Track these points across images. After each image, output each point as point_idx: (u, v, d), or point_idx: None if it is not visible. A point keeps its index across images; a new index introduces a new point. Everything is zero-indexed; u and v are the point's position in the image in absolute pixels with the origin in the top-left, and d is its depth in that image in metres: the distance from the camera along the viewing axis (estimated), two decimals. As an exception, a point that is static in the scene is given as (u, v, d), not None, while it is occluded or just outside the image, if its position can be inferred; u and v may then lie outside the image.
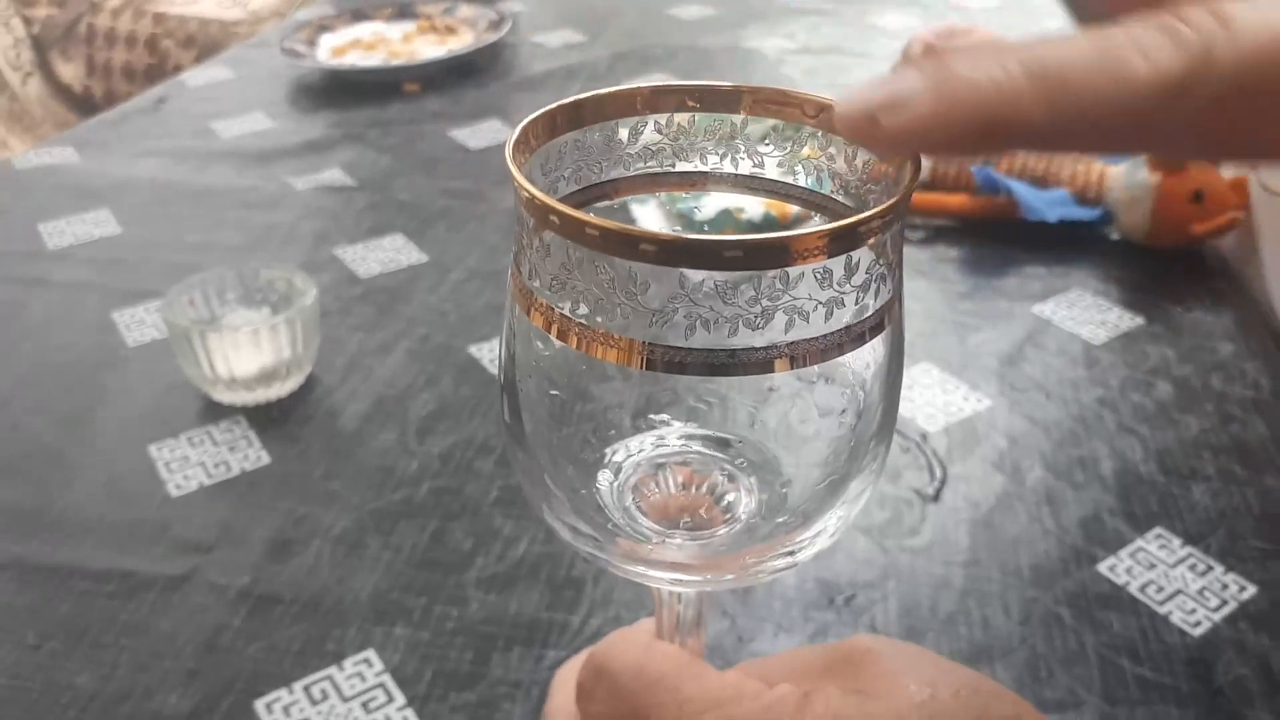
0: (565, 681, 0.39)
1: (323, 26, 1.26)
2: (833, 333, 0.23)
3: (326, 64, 1.18)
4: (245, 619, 0.49)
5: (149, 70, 2.42)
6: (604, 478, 0.29)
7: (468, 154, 0.99)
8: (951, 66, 0.18)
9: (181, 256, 0.81)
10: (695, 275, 0.21)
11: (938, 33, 0.72)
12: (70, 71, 2.53)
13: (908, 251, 0.78)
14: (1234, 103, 0.18)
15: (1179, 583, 0.49)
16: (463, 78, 1.15)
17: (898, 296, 0.24)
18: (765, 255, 0.21)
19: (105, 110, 1.14)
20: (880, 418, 0.27)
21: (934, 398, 0.62)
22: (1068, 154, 0.23)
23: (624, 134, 0.27)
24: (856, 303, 0.23)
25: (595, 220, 0.21)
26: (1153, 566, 0.50)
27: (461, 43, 1.22)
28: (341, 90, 1.13)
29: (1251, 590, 0.49)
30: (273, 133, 1.04)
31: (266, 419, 0.62)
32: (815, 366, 0.23)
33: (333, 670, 0.46)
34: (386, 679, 0.46)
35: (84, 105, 2.48)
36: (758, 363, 0.22)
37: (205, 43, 2.32)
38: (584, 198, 0.27)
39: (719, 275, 0.21)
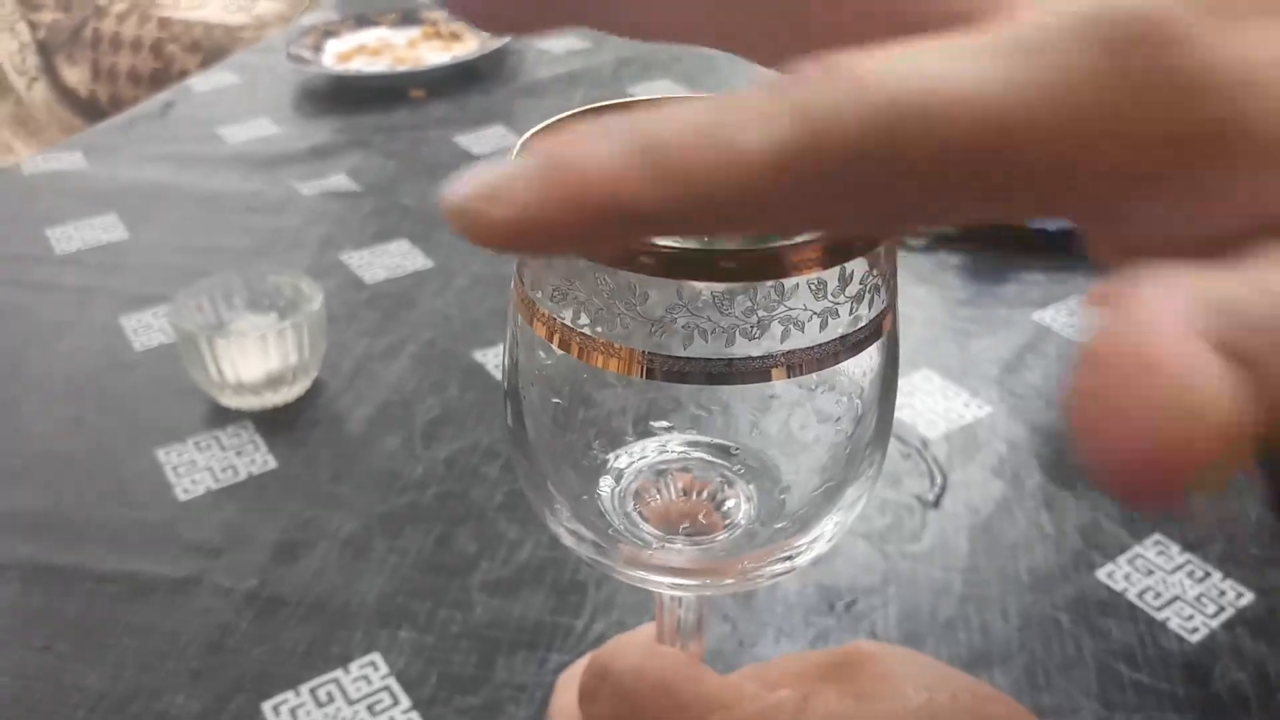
0: (568, 684, 0.39)
1: (328, 32, 1.27)
2: (828, 342, 0.23)
3: (332, 70, 1.18)
4: (252, 621, 0.49)
5: (154, 75, 2.43)
6: (605, 484, 0.29)
7: (472, 160, 0.99)
8: (557, 148, 0.15)
9: (188, 261, 0.81)
10: (693, 286, 0.22)
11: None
12: (76, 76, 2.54)
13: (908, 259, 0.79)
14: (865, 168, 0.15)
15: (1177, 589, 0.50)
16: (467, 83, 1.16)
17: (892, 306, 0.25)
18: (761, 267, 0.21)
19: (111, 115, 1.14)
20: (876, 425, 0.27)
21: (934, 404, 0.63)
22: (703, 238, 0.20)
23: None
24: (851, 313, 0.23)
25: None
26: (1151, 573, 0.51)
27: (466, 48, 1.23)
28: (347, 96, 1.14)
29: (1249, 597, 0.49)
30: (279, 138, 1.05)
31: (273, 424, 0.63)
32: (813, 375, 0.24)
33: (339, 673, 0.47)
34: (392, 682, 0.46)
35: (89, 110, 2.49)
36: (754, 371, 0.23)
37: (210, 48, 2.34)
38: None
39: (716, 286, 0.22)
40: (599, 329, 0.23)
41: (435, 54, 1.22)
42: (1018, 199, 0.16)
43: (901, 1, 0.17)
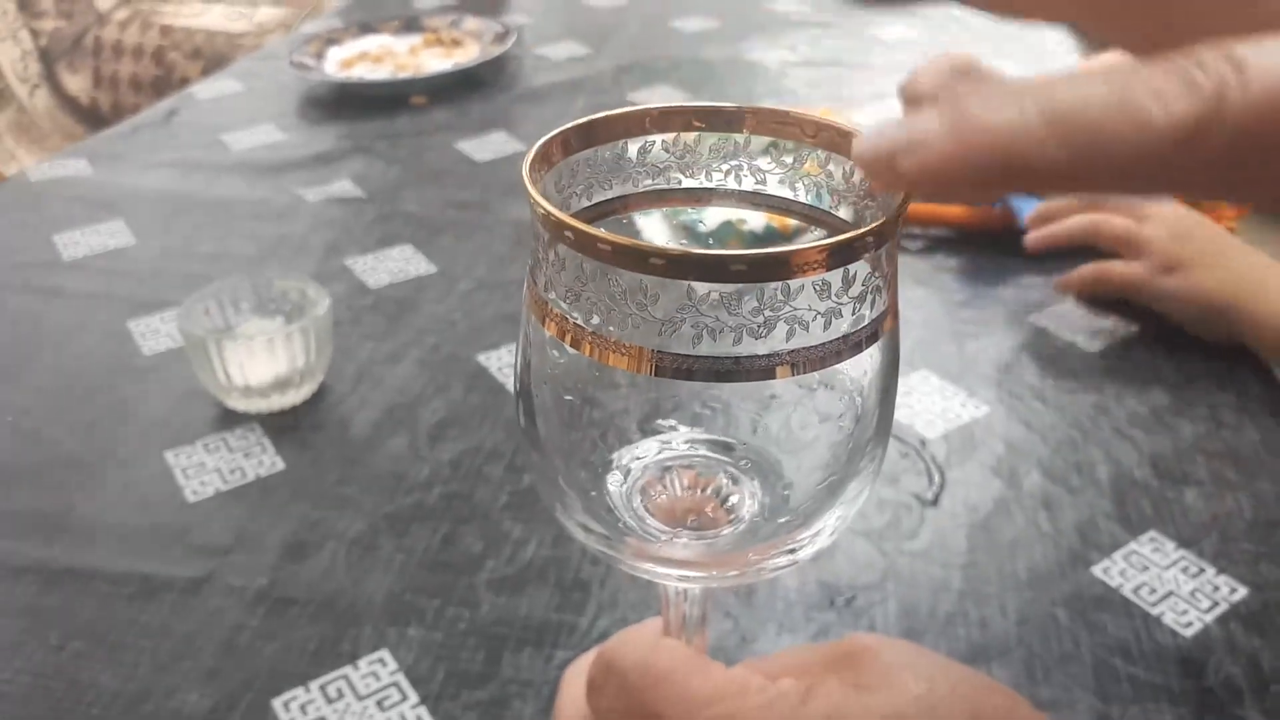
0: (575, 678, 0.40)
1: (330, 39, 1.28)
2: (831, 341, 0.24)
3: (334, 77, 1.19)
4: (263, 620, 0.50)
5: (156, 82, 2.44)
6: (614, 480, 0.30)
7: (474, 166, 1.00)
8: (968, 109, 0.18)
9: (195, 267, 0.82)
10: (701, 287, 0.23)
11: (937, 66, 0.73)
12: (77, 83, 2.55)
13: (908, 261, 0.80)
14: (1246, 148, 0.18)
15: (1171, 584, 0.51)
16: (469, 90, 1.17)
17: (893, 307, 0.26)
18: (767, 269, 0.22)
19: (112, 122, 1.15)
20: (876, 422, 0.28)
21: (933, 404, 0.63)
22: (1081, 194, 0.23)
23: (633, 152, 0.29)
24: (853, 313, 0.24)
25: (607, 236, 0.22)
26: (1146, 569, 0.52)
27: (467, 55, 1.24)
28: (349, 103, 1.15)
29: (1243, 592, 0.50)
30: (283, 145, 1.06)
31: (280, 426, 0.64)
32: (815, 374, 0.25)
33: (348, 669, 0.48)
34: (400, 678, 0.47)
35: (91, 117, 2.50)
36: (760, 369, 0.24)
37: (212, 55, 2.35)
38: (596, 212, 0.29)
39: (724, 287, 0.23)
40: (610, 328, 0.24)
41: (437, 61, 1.23)
42: None
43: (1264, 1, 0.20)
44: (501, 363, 0.69)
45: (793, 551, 0.29)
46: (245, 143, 1.06)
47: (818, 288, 0.23)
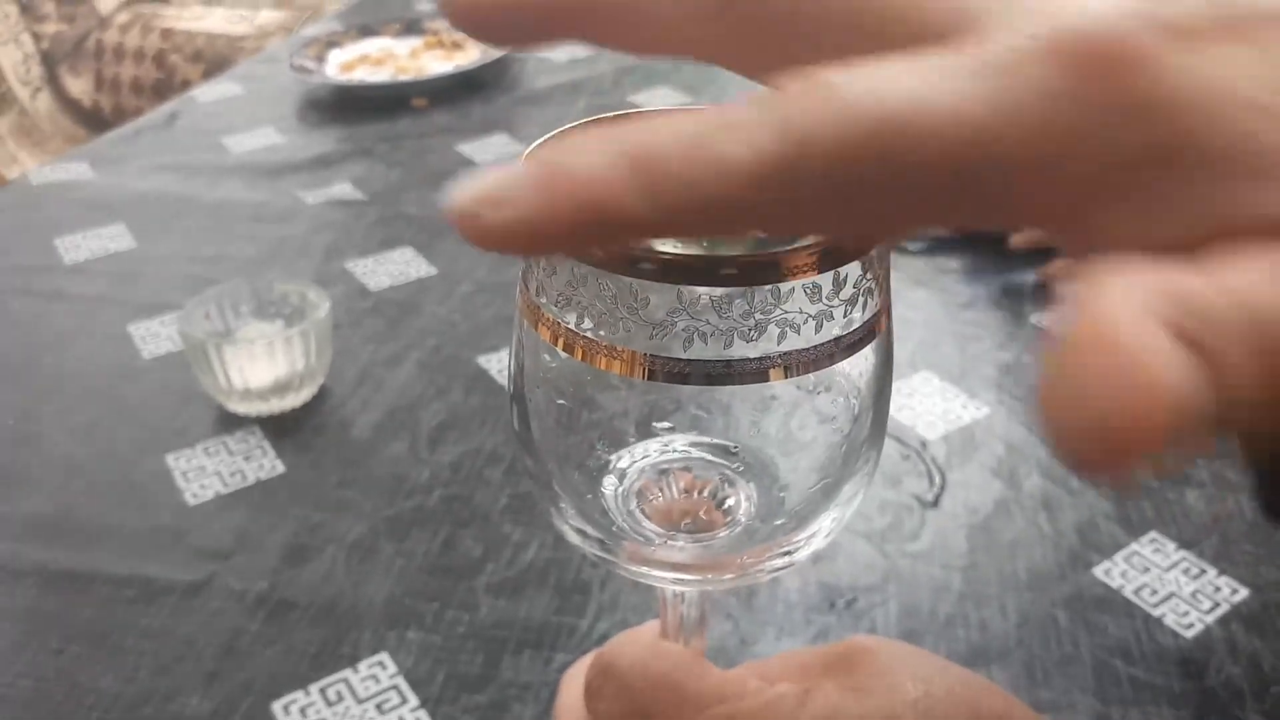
0: (573, 681, 0.40)
1: (331, 42, 1.28)
2: (823, 344, 0.24)
3: (335, 80, 1.19)
4: (263, 623, 0.50)
5: (157, 85, 2.44)
6: (609, 483, 0.30)
7: (474, 167, 1.00)
8: (556, 158, 0.16)
9: (195, 270, 0.82)
10: (692, 291, 0.23)
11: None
12: (79, 86, 2.56)
13: (908, 262, 0.80)
14: (844, 180, 0.16)
15: (1173, 586, 0.51)
16: (469, 92, 1.17)
17: (886, 308, 0.26)
18: (757, 272, 0.22)
19: (114, 125, 1.15)
20: (871, 424, 0.28)
21: (934, 406, 0.63)
22: (683, 240, 0.21)
23: None
24: (845, 315, 0.24)
25: None
26: (1147, 570, 0.52)
27: (468, 58, 1.24)
28: (350, 105, 1.15)
29: (1244, 593, 0.50)
30: (283, 148, 1.06)
31: (281, 429, 0.64)
32: (810, 376, 0.25)
33: (348, 673, 0.48)
34: (400, 681, 0.47)
35: (93, 120, 2.50)
36: (752, 373, 0.24)
37: (213, 57, 2.35)
38: None
39: (715, 291, 0.23)
40: (602, 332, 0.24)
41: (437, 63, 1.23)
42: (986, 208, 0.17)
43: (878, 21, 0.18)
44: (501, 365, 0.69)
45: (788, 553, 0.29)
46: (246, 145, 1.06)
47: (808, 290, 0.23)
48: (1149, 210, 0.16)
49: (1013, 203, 0.16)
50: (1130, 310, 0.13)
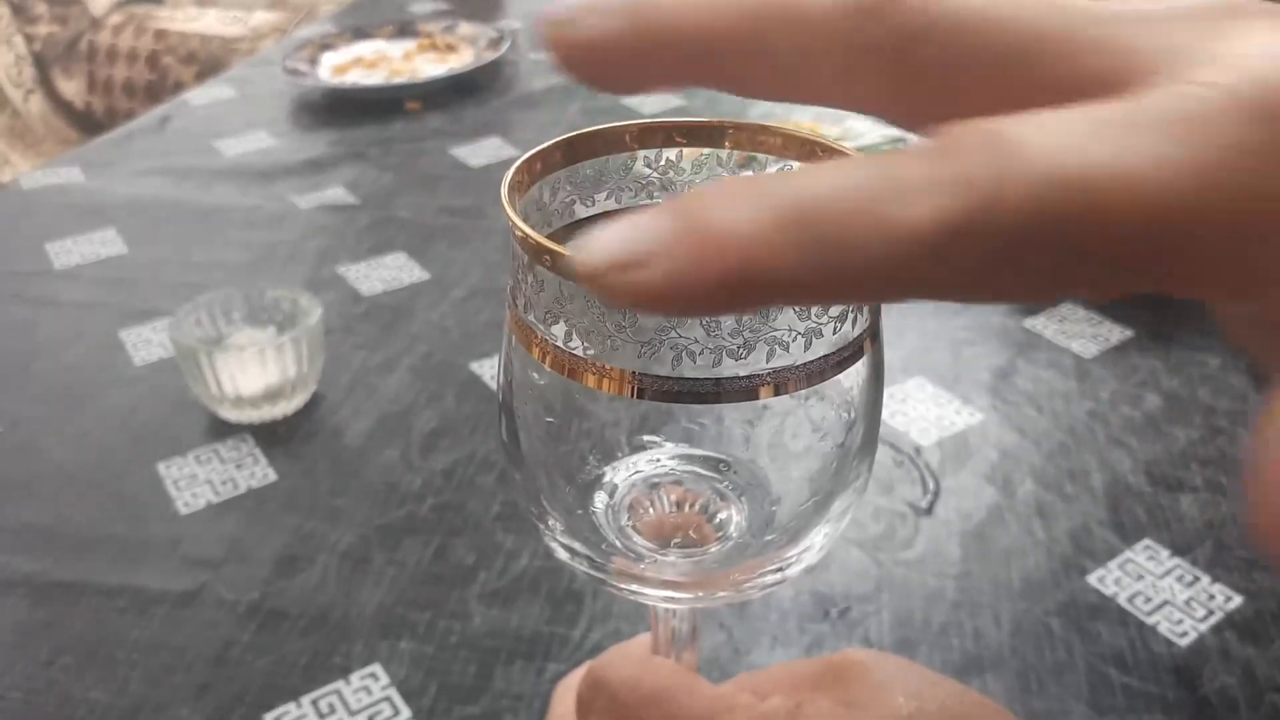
0: (565, 694, 0.40)
1: (324, 45, 1.28)
2: (813, 360, 0.24)
3: (328, 82, 1.19)
4: (254, 634, 0.50)
5: (150, 86, 2.44)
6: (599, 499, 0.30)
7: (469, 172, 1.00)
8: (701, 214, 0.14)
9: (187, 275, 0.82)
10: None
11: None
12: (72, 88, 2.55)
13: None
14: (1028, 247, 0.14)
15: (1166, 593, 0.51)
16: (463, 95, 1.17)
17: (876, 323, 0.25)
18: None
19: (106, 127, 1.15)
20: (863, 437, 0.28)
21: (927, 412, 0.63)
22: (841, 306, 0.20)
23: (615, 168, 0.28)
24: (835, 332, 0.24)
25: None
26: (1141, 577, 0.51)
27: (462, 60, 1.24)
28: (343, 108, 1.15)
29: (1237, 600, 0.50)
30: (275, 151, 1.06)
31: (272, 436, 0.63)
32: (802, 390, 0.25)
33: (340, 684, 0.47)
34: (392, 692, 0.47)
35: (85, 122, 2.50)
36: (742, 390, 0.24)
37: (206, 59, 2.34)
38: (578, 230, 0.28)
39: None
40: (590, 350, 0.24)
41: (431, 66, 1.23)
42: (1180, 277, 0.15)
43: (1033, 67, 0.17)
44: (494, 371, 0.69)
45: (781, 569, 0.29)
46: (238, 149, 1.06)
47: (797, 308, 0.23)
48: None
49: (1209, 271, 0.15)
50: None
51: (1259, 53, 0.15)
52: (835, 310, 0.23)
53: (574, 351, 0.24)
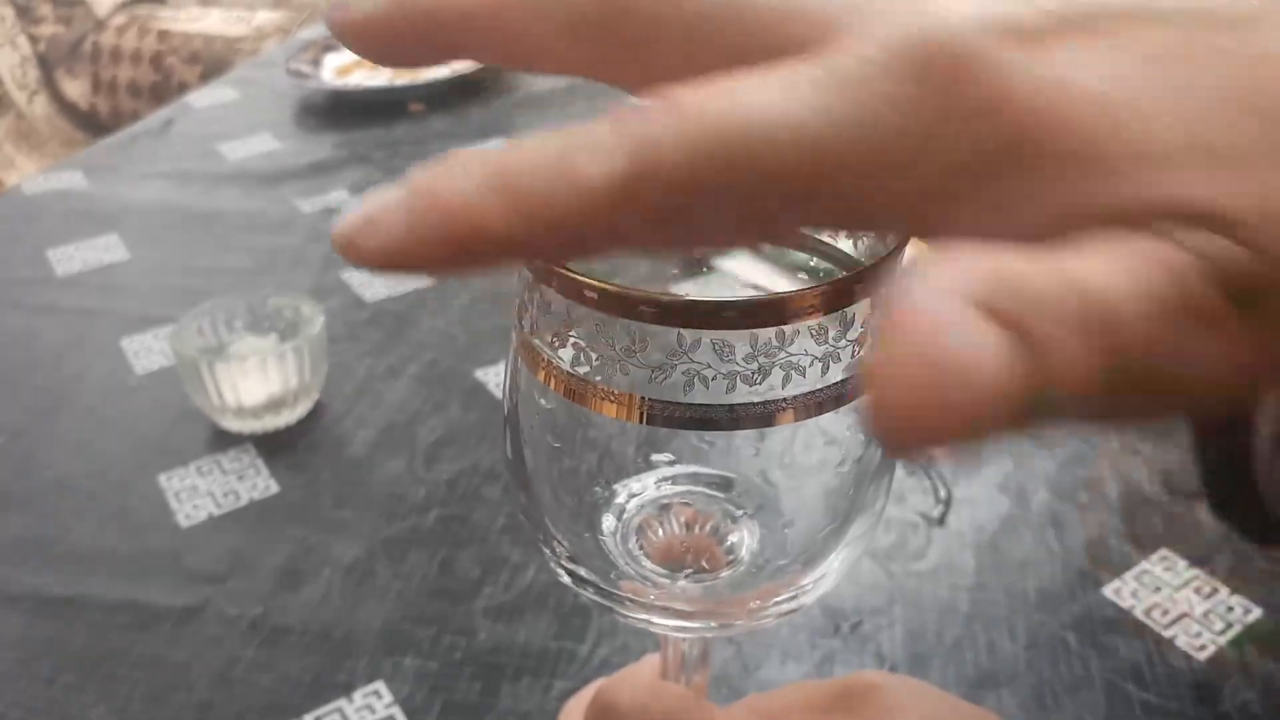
0: (573, 715, 0.39)
1: (327, 46, 1.27)
2: (830, 385, 0.23)
3: (331, 84, 1.18)
4: (257, 650, 0.49)
5: (154, 87, 2.43)
6: (607, 521, 0.29)
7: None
8: (426, 181, 0.16)
9: (190, 282, 0.81)
10: (693, 333, 0.22)
11: None
12: (76, 89, 2.55)
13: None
14: (691, 195, 0.16)
15: (1184, 605, 0.50)
16: (467, 97, 1.16)
17: None
18: (761, 315, 0.21)
19: (111, 127, 1.14)
20: (880, 457, 0.27)
21: (938, 419, 0.62)
22: (550, 263, 0.21)
23: None
24: (853, 356, 0.23)
25: (593, 282, 0.21)
26: (1158, 589, 0.51)
27: (465, 62, 1.23)
28: (347, 110, 1.14)
29: (1257, 613, 0.49)
30: (279, 154, 1.05)
31: (275, 447, 0.63)
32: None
33: (342, 702, 0.47)
34: (396, 710, 0.46)
35: (90, 123, 2.49)
36: (756, 417, 0.23)
37: (210, 59, 2.34)
38: None
39: (716, 333, 0.22)
40: (598, 376, 0.23)
41: (434, 67, 1.21)
42: (836, 216, 0.18)
43: (742, 34, 0.18)
44: (499, 379, 0.68)
45: (795, 596, 0.28)
46: (241, 152, 1.05)
47: (814, 332, 0.22)
48: (998, 208, 0.17)
49: (862, 209, 0.17)
50: (940, 294, 0.14)
51: (927, 12, 0.17)
52: (854, 333, 0.23)
53: (582, 375, 0.23)
